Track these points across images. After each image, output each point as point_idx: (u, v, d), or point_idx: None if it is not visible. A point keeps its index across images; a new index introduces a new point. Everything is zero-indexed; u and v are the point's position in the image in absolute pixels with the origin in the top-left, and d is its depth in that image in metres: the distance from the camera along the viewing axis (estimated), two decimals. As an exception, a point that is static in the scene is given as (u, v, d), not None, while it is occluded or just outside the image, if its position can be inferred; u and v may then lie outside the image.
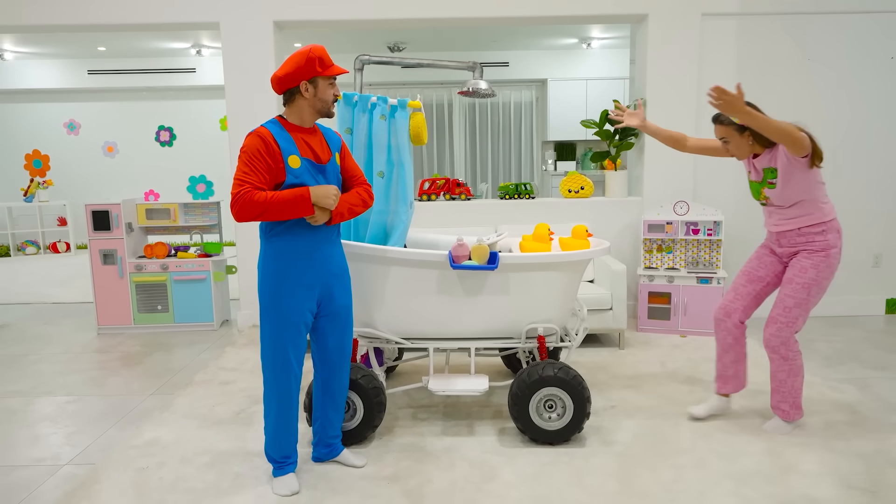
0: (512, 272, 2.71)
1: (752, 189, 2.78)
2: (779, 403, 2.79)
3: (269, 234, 2.28)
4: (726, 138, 2.68)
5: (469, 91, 3.41)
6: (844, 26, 4.54)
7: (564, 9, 4.47)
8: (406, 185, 2.86)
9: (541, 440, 2.68)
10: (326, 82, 2.25)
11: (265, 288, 2.30)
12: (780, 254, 2.80)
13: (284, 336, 2.30)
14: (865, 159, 4.68)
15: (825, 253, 2.65)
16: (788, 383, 2.74)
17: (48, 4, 4.40)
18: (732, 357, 2.89)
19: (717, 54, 4.56)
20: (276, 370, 2.33)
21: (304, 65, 2.18)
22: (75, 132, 9.11)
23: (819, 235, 2.65)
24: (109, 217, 4.56)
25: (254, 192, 2.13)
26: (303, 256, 2.29)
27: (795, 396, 2.75)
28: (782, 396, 2.76)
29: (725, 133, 2.67)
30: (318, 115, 2.30)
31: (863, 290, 4.82)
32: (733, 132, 2.65)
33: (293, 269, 2.28)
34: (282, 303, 2.28)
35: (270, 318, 2.30)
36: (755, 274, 2.85)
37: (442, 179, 4.82)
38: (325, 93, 2.26)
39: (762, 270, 2.84)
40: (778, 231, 2.73)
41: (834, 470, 2.46)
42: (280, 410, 2.36)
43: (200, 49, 8.08)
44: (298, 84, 2.22)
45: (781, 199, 2.65)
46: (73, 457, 2.71)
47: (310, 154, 2.27)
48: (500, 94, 8.85)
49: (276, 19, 4.46)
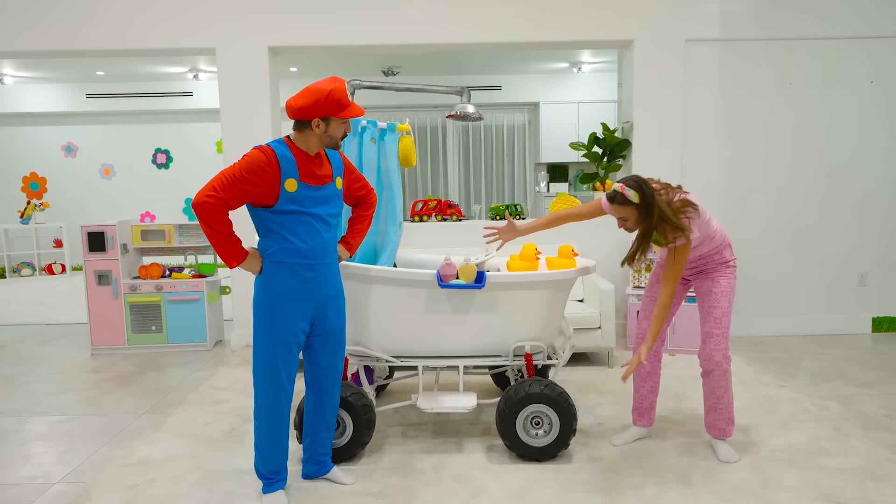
0: (499, 291, 2.76)
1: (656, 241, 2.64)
2: (715, 422, 2.77)
3: (266, 253, 2.33)
4: (625, 218, 2.52)
5: (457, 115, 3.50)
6: (825, 52, 4.68)
7: (552, 35, 4.59)
8: (395, 206, 2.93)
9: (528, 457, 2.72)
10: (339, 122, 2.27)
11: (260, 306, 2.34)
12: (688, 272, 2.84)
13: (276, 354, 2.34)
14: (848, 182, 4.78)
15: (727, 264, 2.72)
16: (725, 398, 2.74)
17: (46, 30, 4.51)
18: (649, 387, 2.89)
19: (700, 79, 4.69)
20: (268, 388, 2.37)
21: (323, 102, 2.18)
22: (73, 155, 9.21)
23: (717, 255, 2.71)
24: (105, 238, 4.61)
25: (222, 214, 2.19)
26: (298, 277, 2.33)
27: (730, 410, 2.77)
28: (719, 414, 2.75)
29: (625, 213, 2.49)
30: (325, 147, 2.34)
31: (849, 308, 4.89)
32: (633, 212, 2.47)
33: (288, 289, 2.33)
34: (276, 322, 2.33)
35: (263, 337, 2.34)
36: None
37: (434, 201, 4.90)
38: (335, 130, 2.28)
39: None
40: None
41: (816, 485, 2.50)
42: (271, 427, 2.40)
43: (197, 73, 8.21)
44: (311, 119, 2.24)
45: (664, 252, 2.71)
46: (65, 475, 2.73)
47: (310, 177, 2.30)
48: (493, 116, 8.99)
49: (271, 45, 4.57)
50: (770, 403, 3.37)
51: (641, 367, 2.87)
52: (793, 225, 4.82)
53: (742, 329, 4.87)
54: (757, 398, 3.46)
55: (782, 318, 4.88)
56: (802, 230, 4.82)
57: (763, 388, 3.63)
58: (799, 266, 4.85)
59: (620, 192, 2.44)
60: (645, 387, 2.89)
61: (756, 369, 3.98)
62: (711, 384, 2.75)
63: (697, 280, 2.81)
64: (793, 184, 4.79)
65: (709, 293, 2.72)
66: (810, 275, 4.86)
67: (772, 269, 4.85)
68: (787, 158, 4.77)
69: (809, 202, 4.80)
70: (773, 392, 3.55)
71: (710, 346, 2.71)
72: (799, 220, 4.81)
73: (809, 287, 4.87)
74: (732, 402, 2.78)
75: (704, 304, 2.75)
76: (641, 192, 2.42)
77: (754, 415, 3.22)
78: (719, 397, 2.75)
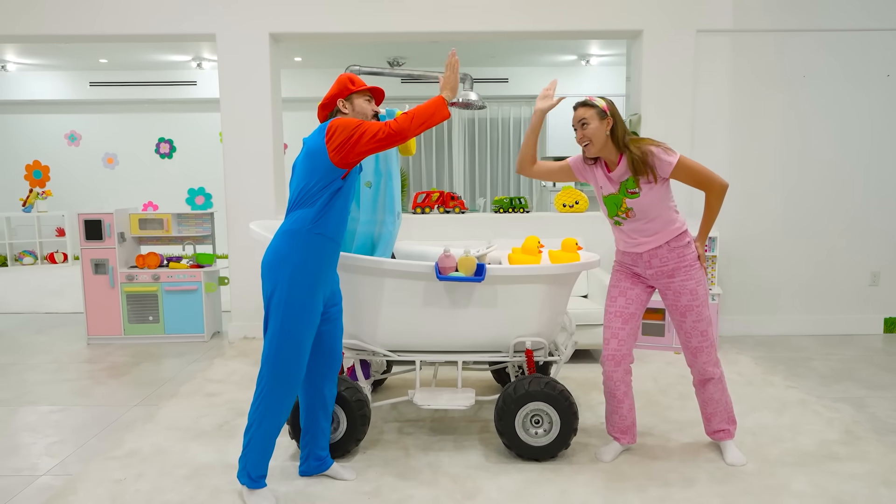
0: (499, 284, 2.67)
1: (609, 204, 2.54)
2: (720, 425, 2.67)
3: (313, 222, 2.22)
4: (586, 120, 2.43)
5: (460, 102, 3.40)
6: (840, 44, 4.54)
7: (560, 24, 4.48)
8: (394, 196, 2.84)
9: (527, 456, 2.63)
10: (362, 98, 2.38)
11: (297, 283, 2.19)
12: (648, 276, 2.57)
13: (305, 339, 2.24)
14: (861, 178, 4.66)
15: (697, 266, 2.52)
16: (724, 400, 2.65)
17: (45, 14, 4.43)
18: (628, 405, 2.64)
19: (711, 70, 4.56)
20: (288, 378, 2.22)
21: (337, 86, 2.37)
22: (76, 143, 9.15)
23: (686, 248, 2.50)
24: (102, 226, 4.54)
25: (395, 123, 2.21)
26: (334, 255, 2.31)
27: (731, 410, 2.68)
28: (721, 416, 2.66)
29: (586, 115, 2.43)
30: None
31: (861, 308, 4.77)
32: (594, 115, 2.42)
33: (325, 266, 2.27)
34: (313, 301, 2.23)
35: (295, 317, 2.20)
36: (628, 312, 2.59)
37: (436, 192, 4.81)
38: (363, 107, 2.38)
39: (632, 306, 2.60)
40: (646, 251, 2.52)
41: (826, 491, 2.40)
42: (277, 424, 2.26)
43: (201, 62, 8.13)
44: (336, 104, 2.37)
45: (644, 211, 2.45)
46: (51, 467, 2.66)
47: None
48: (499, 109, 8.88)
49: (273, 31, 4.48)
50: (778, 405, 3.27)
51: (617, 388, 2.60)
52: (804, 221, 4.70)
53: (750, 328, 4.76)
54: (765, 399, 3.36)
55: (791, 317, 4.77)
56: (813, 227, 4.70)
57: (771, 389, 3.52)
58: (809, 264, 4.73)
59: (588, 98, 2.48)
60: (623, 406, 2.65)
61: (764, 369, 3.87)
62: (709, 392, 2.65)
63: (662, 287, 2.57)
64: (804, 179, 4.66)
65: (688, 308, 2.52)
66: (821, 273, 4.74)
67: (781, 266, 4.73)
68: (799, 153, 4.64)
69: (821, 198, 4.68)
70: (781, 393, 3.45)
71: (702, 360, 2.59)
72: (810, 217, 4.69)
73: (820, 286, 4.75)
74: (731, 400, 2.69)
75: (685, 320, 2.54)
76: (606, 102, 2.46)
77: (762, 417, 3.12)
78: (717, 401, 2.65)
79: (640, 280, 2.63)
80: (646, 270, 2.57)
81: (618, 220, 2.56)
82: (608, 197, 2.55)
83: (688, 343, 2.59)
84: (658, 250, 2.51)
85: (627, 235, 2.57)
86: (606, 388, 2.65)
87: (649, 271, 2.56)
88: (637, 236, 2.53)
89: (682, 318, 2.56)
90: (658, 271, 2.54)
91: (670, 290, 2.55)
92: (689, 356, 2.62)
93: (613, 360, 2.60)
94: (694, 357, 2.60)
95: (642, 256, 2.55)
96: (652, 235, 2.50)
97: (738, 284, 4.74)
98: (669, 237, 2.50)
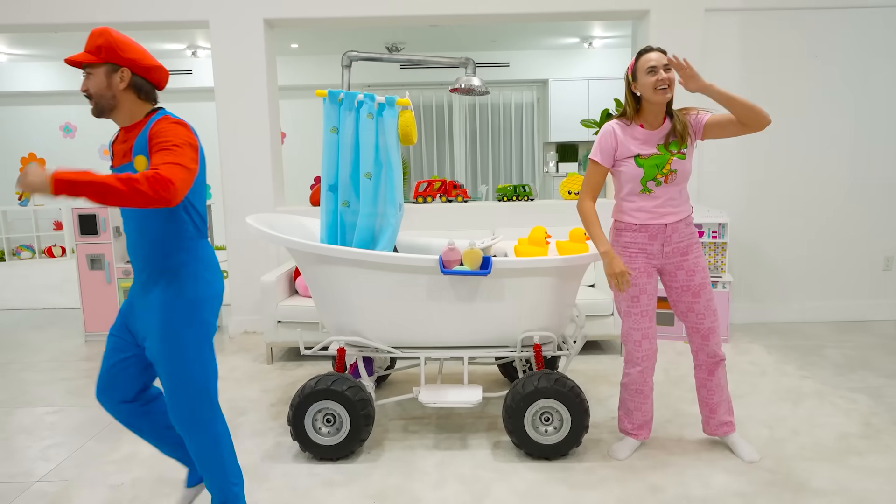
0: (506, 277, 2.57)
1: (648, 166, 2.37)
2: (724, 416, 2.58)
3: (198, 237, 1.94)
4: (669, 66, 2.29)
5: (462, 88, 3.28)
6: (852, 21, 4.40)
7: (565, 5, 4.33)
8: (395, 187, 2.73)
9: (537, 455, 2.54)
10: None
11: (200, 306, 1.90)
12: (664, 254, 2.46)
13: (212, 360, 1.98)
14: (875, 159, 4.53)
15: (694, 232, 2.51)
16: (727, 386, 2.58)
17: (36, 2, 4.29)
18: (651, 400, 2.58)
19: (720, 50, 4.42)
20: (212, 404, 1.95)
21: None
22: (71, 135, 9.02)
23: (692, 227, 2.50)
24: (97, 221, 4.44)
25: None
26: None
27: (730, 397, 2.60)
28: (726, 405, 2.58)
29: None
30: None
31: (874, 293, 4.66)
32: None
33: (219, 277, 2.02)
34: (212, 320, 1.96)
35: (203, 342, 1.92)
36: (650, 307, 2.50)
37: (438, 181, 4.69)
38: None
39: (651, 301, 2.50)
40: (672, 222, 2.43)
41: (847, 489, 2.31)
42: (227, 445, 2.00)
43: (196, 51, 7.97)
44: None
45: (684, 174, 2.40)
46: (46, 473, 2.58)
47: None
48: (500, 94, 8.72)
49: (267, 17, 4.34)
50: (794, 396, 3.18)
51: (646, 383, 2.54)
52: (816, 205, 4.57)
53: (761, 315, 4.66)
54: (779, 390, 3.26)
55: (803, 303, 4.66)
56: (826, 211, 4.58)
57: (785, 379, 3.43)
58: (822, 249, 4.62)
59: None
60: (648, 401, 2.57)
61: (777, 359, 3.78)
62: (717, 378, 2.55)
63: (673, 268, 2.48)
64: (816, 162, 4.54)
65: (701, 286, 2.46)
66: (834, 258, 4.63)
67: (793, 251, 4.62)
68: (810, 136, 4.51)
69: (833, 181, 4.55)
70: (796, 384, 3.35)
71: (714, 340, 2.51)
72: (822, 201, 4.57)
73: (832, 271, 4.64)
74: None
75: (698, 300, 2.47)
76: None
77: (778, 409, 3.03)
78: (724, 387, 2.57)
79: (648, 269, 2.48)
80: (663, 248, 2.46)
81: (655, 184, 2.41)
82: (648, 158, 2.38)
83: (700, 325, 2.50)
84: (678, 224, 2.46)
85: (657, 204, 2.42)
86: (634, 387, 2.55)
87: (667, 248, 2.46)
88: (666, 206, 2.43)
89: (696, 299, 2.48)
90: (675, 248, 2.47)
91: (683, 269, 2.48)
92: (700, 340, 2.53)
93: (649, 359, 2.52)
94: (706, 340, 2.52)
95: (665, 230, 2.44)
96: (678, 207, 2.45)
97: (749, 271, 4.63)
98: (688, 213, 2.48)
